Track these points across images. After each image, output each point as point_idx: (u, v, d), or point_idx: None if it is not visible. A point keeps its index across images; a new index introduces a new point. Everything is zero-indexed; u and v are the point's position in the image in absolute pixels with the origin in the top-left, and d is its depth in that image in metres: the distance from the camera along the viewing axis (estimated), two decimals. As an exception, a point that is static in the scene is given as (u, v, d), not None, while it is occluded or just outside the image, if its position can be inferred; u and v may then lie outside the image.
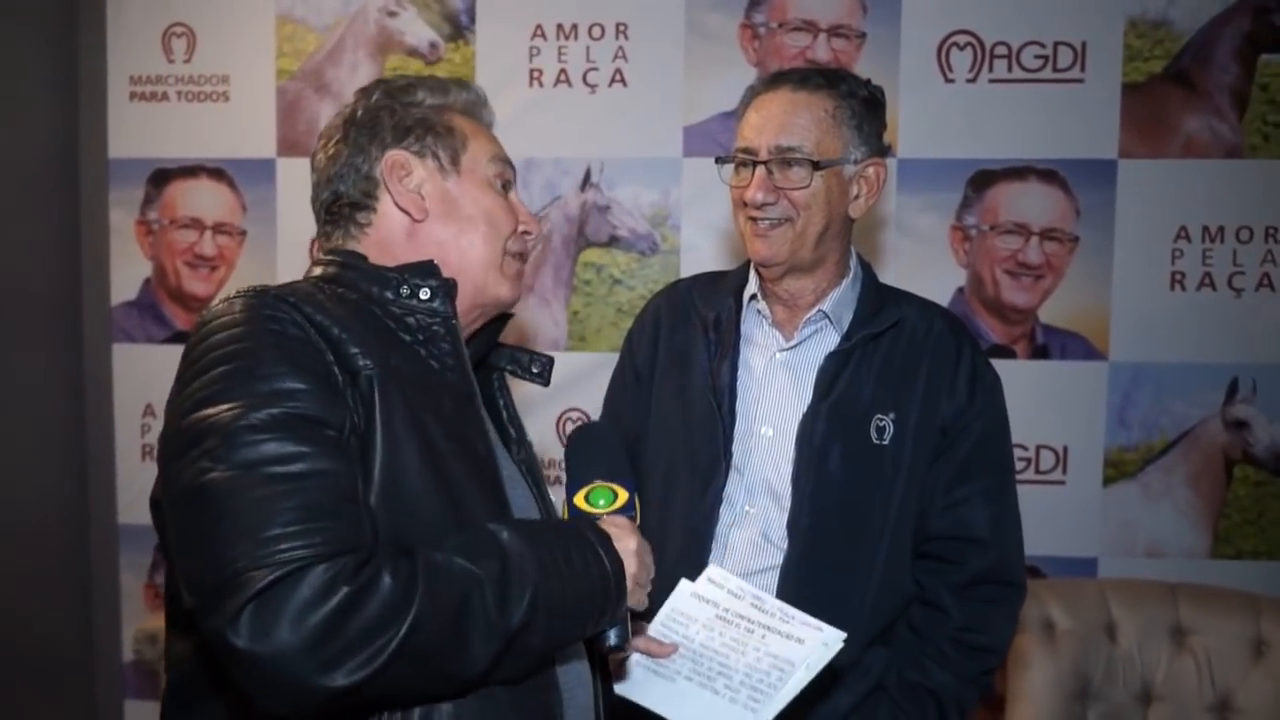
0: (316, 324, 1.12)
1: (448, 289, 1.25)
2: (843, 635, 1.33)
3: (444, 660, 1.02)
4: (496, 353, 1.44)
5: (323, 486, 1.01)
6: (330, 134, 1.34)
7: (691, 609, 1.40)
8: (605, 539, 1.21)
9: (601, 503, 1.28)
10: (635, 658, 1.42)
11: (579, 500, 1.28)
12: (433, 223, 1.29)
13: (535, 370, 1.44)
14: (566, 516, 1.30)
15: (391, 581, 0.98)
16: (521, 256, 1.37)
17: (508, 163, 1.37)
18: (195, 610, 0.98)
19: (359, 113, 1.32)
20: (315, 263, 1.31)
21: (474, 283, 1.30)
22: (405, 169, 1.29)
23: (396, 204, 1.29)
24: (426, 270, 1.26)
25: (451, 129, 1.33)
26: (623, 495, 1.30)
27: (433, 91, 1.34)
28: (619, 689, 1.42)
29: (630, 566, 1.22)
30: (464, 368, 1.25)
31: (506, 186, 1.37)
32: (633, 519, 1.29)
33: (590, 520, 1.25)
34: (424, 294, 1.24)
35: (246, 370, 1.04)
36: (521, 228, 1.36)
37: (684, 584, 1.41)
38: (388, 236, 1.29)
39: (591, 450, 1.37)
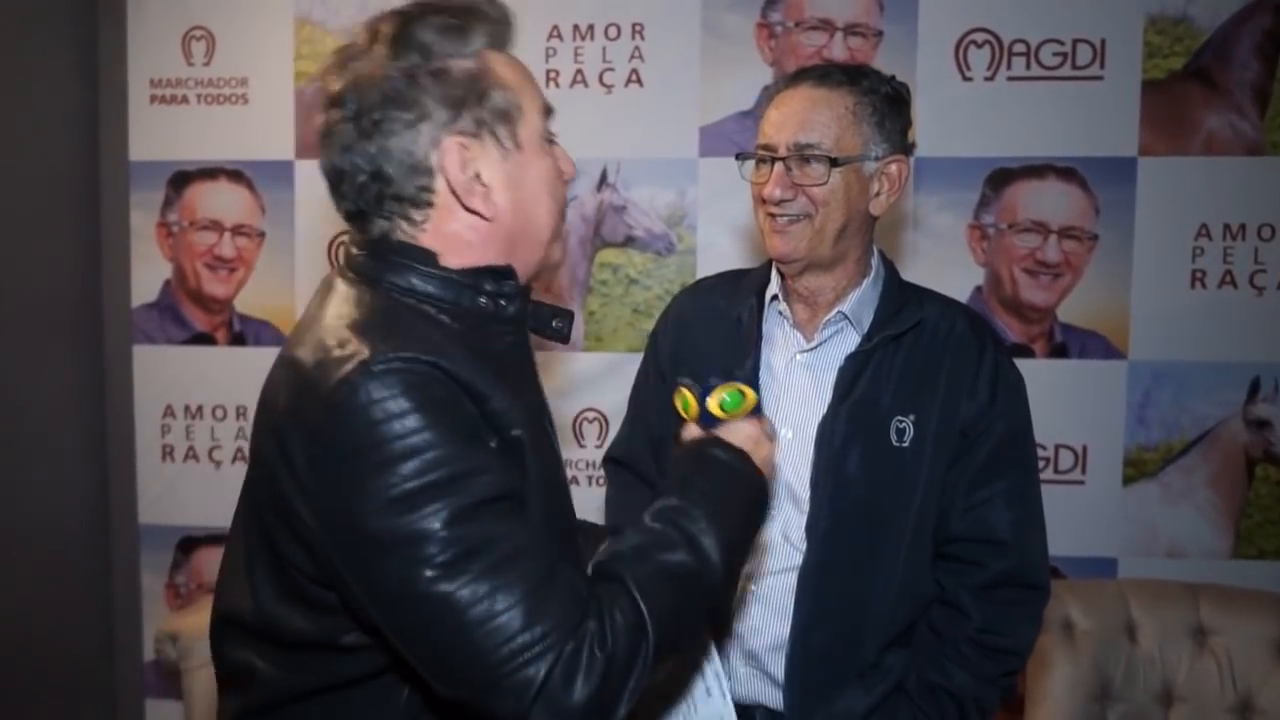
0: (461, 381, 1.05)
1: (525, 294, 1.20)
2: None
3: (676, 648, 1.10)
4: None
5: (537, 563, 1.03)
6: (359, 94, 1.10)
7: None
8: (745, 460, 1.22)
9: (732, 405, 1.22)
10: None
11: (713, 407, 1.22)
12: (502, 214, 1.16)
13: (556, 325, 1.30)
14: (694, 407, 1.24)
15: (622, 617, 1.03)
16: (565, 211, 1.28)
17: (551, 107, 1.22)
18: (467, 700, 1.03)
19: (394, 76, 1.10)
20: (374, 255, 1.15)
21: (538, 257, 1.22)
22: (465, 152, 1.12)
23: (462, 204, 1.14)
24: (504, 274, 1.17)
25: (506, 87, 1.14)
26: (751, 396, 1.24)
27: (487, 36, 1.14)
28: None
29: (769, 475, 1.25)
30: (536, 380, 1.23)
31: (552, 140, 1.23)
32: (761, 417, 1.26)
33: (729, 447, 1.22)
34: (503, 302, 1.17)
35: (431, 462, 1.00)
36: (565, 178, 1.25)
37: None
38: (452, 232, 1.15)
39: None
